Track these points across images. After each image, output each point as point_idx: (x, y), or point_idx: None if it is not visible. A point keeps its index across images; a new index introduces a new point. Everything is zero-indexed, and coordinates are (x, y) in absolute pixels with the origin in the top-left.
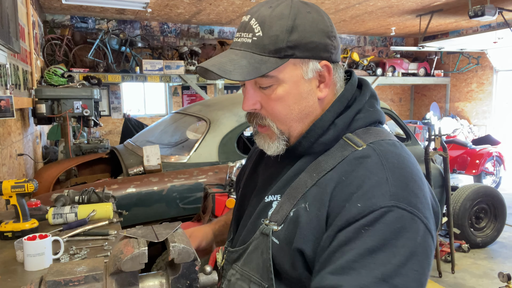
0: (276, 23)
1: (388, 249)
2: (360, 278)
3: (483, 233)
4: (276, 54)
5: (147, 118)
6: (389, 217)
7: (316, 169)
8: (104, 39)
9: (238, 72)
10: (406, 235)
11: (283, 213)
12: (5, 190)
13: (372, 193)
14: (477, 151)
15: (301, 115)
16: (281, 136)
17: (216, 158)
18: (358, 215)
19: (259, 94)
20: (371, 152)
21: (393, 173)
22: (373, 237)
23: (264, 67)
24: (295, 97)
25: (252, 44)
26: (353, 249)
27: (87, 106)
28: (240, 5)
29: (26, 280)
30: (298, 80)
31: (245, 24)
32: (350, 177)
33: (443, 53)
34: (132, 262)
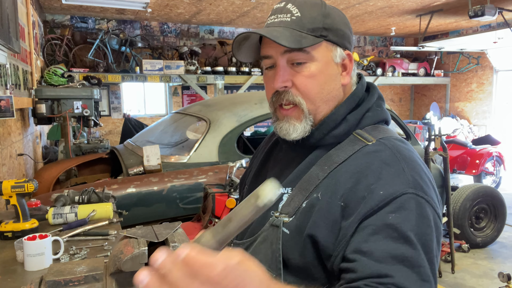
0: (312, 8)
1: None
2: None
3: (483, 233)
4: (314, 33)
5: (147, 118)
6: (411, 203)
7: (327, 162)
8: (104, 39)
9: (284, 39)
10: (426, 221)
11: (295, 205)
12: (5, 190)
13: (393, 182)
14: (477, 151)
15: (328, 97)
16: (309, 116)
17: (216, 158)
18: (381, 202)
19: (291, 72)
20: (383, 146)
21: (408, 164)
22: (402, 224)
23: (304, 41)
24: (325, 77)
25: (291, 22)
26: (386, 238)
27: (87, 106)
28: (240, 5)
29: (26, 280)
30: (329, 62)
31: (280, 8)
32: (366, 170)
33: (443, 53)
34: (132, 262)
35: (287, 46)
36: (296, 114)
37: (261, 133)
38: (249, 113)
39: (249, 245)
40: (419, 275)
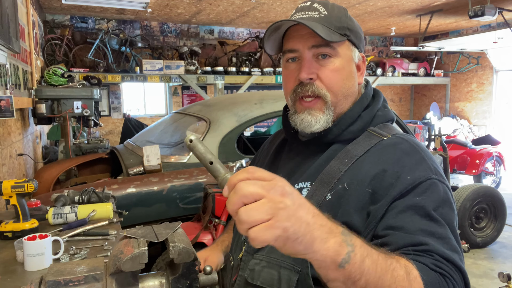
0: (337, 8)
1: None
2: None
3: (483, 233)
4: (340, 31)
5: (147, 118)
6: (436, 187)
7: (346, 156)
8: (104, 39)
9: (320, 31)
10: (449, 204)
11: (318, 198)
12: (5, 190)
13: (417, 168)
14: (477, 151)
15: (348, 92)
16: (331, 109)
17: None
18: (409, 186)
19: (316, 66)
20: (400, 139)
21: (426, 154)
22: (428, 204)
23: (334, 36)
24: (347, 73)
25: (320, 19)
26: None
27: (87, 106)
28: (240, 5)
29: (26, 280)
30: (350, 60)
31: (307, 6)
32: (390, 160)
33: (443, 53)
34: (132, 262)
35: (323, 37)
36: (319, 105)
37: (261, 133)
38: (249, 113)
39: None
40: (449, 245)
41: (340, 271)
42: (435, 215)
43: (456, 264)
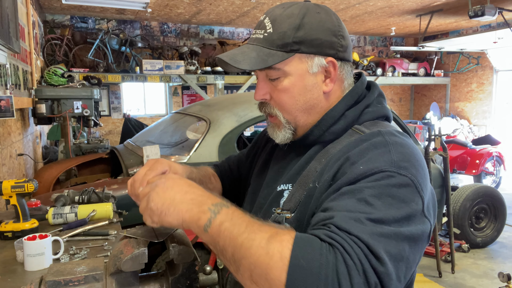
0: (285, 21)
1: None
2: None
3: (483, 233)
4: (283, 49)
5: (147, 118)
6: (391, 180)
7: (324, 155)
8: (104, 39)
9: (246, 62)
10: (406, 199)
11: (296, 200)
12: (5, 190)
13: (375, 159)
14: (477, 151)
15: (305, 106)
16: (287, 125)
17: (216, 158)
18: (360, 176)
19: (269, 86)
20: (377, 133)
21: (396, 148)
22: (372, 190)
23: (271, 59)
24: (300, 89)
25: (263, 39)
26: (349, 198)
27: (87, 106)
28: (240, 5)
29: (26, 280)
30: (303, 74)
31: (260, 22)
32: (354, 150)
33: (443, 53)
34: (132, 262)
35: (246, 69)
36: (277, 122)
37: None
38: (249, 113)
39: None
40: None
41: (206, 234)
42: (376, 201)
43: (356, 235)
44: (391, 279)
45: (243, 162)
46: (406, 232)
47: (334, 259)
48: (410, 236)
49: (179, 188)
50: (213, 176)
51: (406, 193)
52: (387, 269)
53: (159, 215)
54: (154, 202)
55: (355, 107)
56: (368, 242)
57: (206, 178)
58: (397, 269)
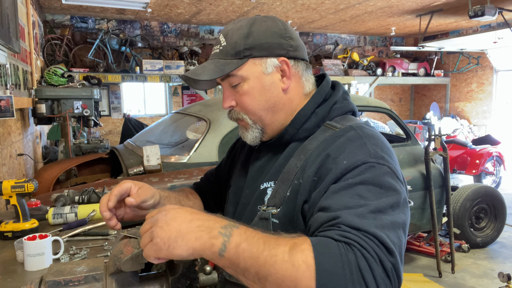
0: (236, 33)
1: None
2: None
3: (483, 233)
4: (237, 56)
5: (147, 118)
6: (372, 169)
7: (302, 151)
8: (104, 39)
9: (206, 73)
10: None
11: (280, 196)
12: (5, 190)
13: (355, 153)
14: (477, 151)
15: (268, 105)
16: (254, 125)
17: (216, 158)
18: (345, 170)
19: (232, 93)
20: (349, 128)
21: (369, 140)
22: (359, 184)
23: (227, 68)
24: (259, 90)
25: (219, 53)
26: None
27: (87, 106)
28: (240, 5)
29: (26, 280)
30: (259, 76)
31: (216, 39)
32: (332, 147)
33: (443, 53)
34: (132, 262)
35: (206, 79)
36: (245, 125)
37: None
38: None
39: None
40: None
41: (222, 259)
42: (367, 193)
43: (368, 231)
44: (400, 264)
45: (222, 169)
46: (399, 220)
47: (354, 256)
48: (402, 224)
49: (183, 218)
50: (190, 193)
51: (390, 181)
52: (396, 256)
53: (167, 249)
54: (160, 237)
55: (324, 105)
56: (376, 234)
57: (183, 196)
58: (400, 255)
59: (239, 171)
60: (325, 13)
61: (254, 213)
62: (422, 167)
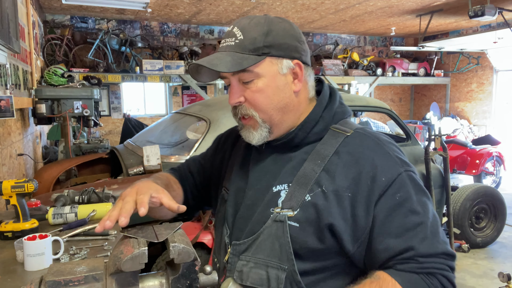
0: (254, 29)
1: (420, 205)
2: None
3: (483, 233)
4: (255, 52)
5: (147, 118)
6: (409, 178)
7: (318, 157)
8: (104, 39)
9: (223, 65)
10: (419, 187)
11: (297, 199)
12: (5, 190)
13: (388, 166)
14: (477, 151)
15: (280, 105)
16: (263, 125)
17: None
18: (386, 186)
19: (242, 89)
20: (363, 135)
21: (388, 147)
22: (408, 201)
23: (245, 62)
24: (273, 89)
25: (235, 46)
26: (398, 215)
27: (87, 106)
28: (240, 5)
29: (26, 280)
30: (275, 75)
31: (229, 32)
32: (361, 160)
33: (443, 53)
34: (132, 262)
35: (225, 72)
36: (252, 123)
37: None
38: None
39: (251, 243)
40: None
41: None
42: (415, 208)
43: (438, 253)
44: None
45: (206, 168)
46: (438, 219)
47: (437, 281)
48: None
49: None
50: (175, 183)
51: (419, 183)
52: (455, 255)
53: None
54: None
55: (328, 109)
56: (442, 251)
57: (169, 186)
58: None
59: (237, 173)
60: (325, 13)
61: (267, 216)
62: (422, 167)
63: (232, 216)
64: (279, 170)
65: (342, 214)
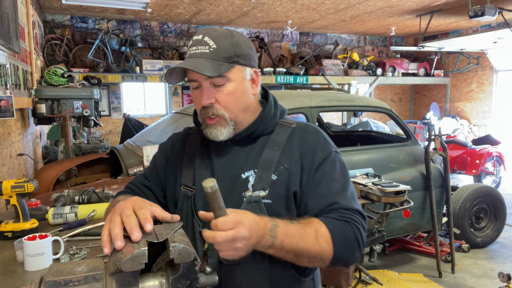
0: (225, 40)
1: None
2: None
3: (483, 233)
4: (228, 60)
5: (147, 118)
6: (337, 157)
7: (274, 144)
8: (104, 39)
9: (207, 70)
10: (344, 166)
11: (266, 180)
12: (5, 190)
13: (324, 146)
14: (477, 151)
15: (244, 106)
16: (230, 123)
17: None
18: (321, 159)
19: (214, 92)
20: (304, 126)
21: (323, 135)
22: (334, 171)
23: (222, 68)
24: (241, 92)
25: (210, 53)
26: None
27: (87, 106)
28: (240, 5)
29: (26, 280)
30: (242, 80)
31: (199, 40)
32: (306, 143)
33: (443, 53)
34: (132, 262)
35: (211, 76)
36: (221, 122)
37: None
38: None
39: None
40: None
41: (271, 250)
42: (340, 177)
43: (354, 208)
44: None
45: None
46: (354, 189)
47: (351, 228)
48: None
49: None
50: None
51: (344, 163)
52: (365, 217)
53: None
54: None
55: (275, 107)
56: (357, 209)
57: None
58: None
59: (199, 168)
60: (325, 13)
61: (240, 200)
62: (422, 167)
63: (202, 209)
64: (244, 159)
65: (299, 182)
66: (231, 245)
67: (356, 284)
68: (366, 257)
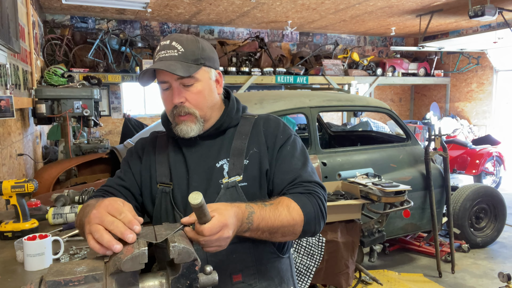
0: (191, 44)
1: (302, 154)
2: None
3: (483, 233)
4: (195, 62)
5: (147, 118)
6: (296, 139)
7: (241, 134)
8: (104, 39)
9: (180, 71)
10: (303, 147)
11: (239, 165)
12: (5, 190)
13: (284, 130)
14: (477, 151)
15: (211, 104)
16: (200, 120)
17: None
18: (283, 141)
19: (183, 91)
20: (266, 116)
21: (282, 122)
22: (295, 150)
23: (191, 69)
24: (208, 91)
25: (178, 56)
26: (290, 158)
27: (87, 106)
28: (240, 5)
29: (26, 280)
30: (208, 80)
31: (167, 45)
32: (269, 128)
33: (443, 53)
34: (132, 262)
35: (183, 76)
36: (191, 119)
37: None
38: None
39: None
40: (309, 172)
41: (248, 233)
42: (300, 156)
43: (314, 181)
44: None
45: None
46: (312, 165)
47: (315, 199)
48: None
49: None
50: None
51: (303, 144)
52: (325, 188)
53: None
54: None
55: (237, 103)
56: (317, 181)
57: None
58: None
59: (174, 165)
60: (325, 13)
61: (218, 187)
62: (422, 167)
63: (181, 201)
64: (216, 151)
65: (267, 161)
66: (215, 243)
67: (356, 284)
68: (366, 257)
